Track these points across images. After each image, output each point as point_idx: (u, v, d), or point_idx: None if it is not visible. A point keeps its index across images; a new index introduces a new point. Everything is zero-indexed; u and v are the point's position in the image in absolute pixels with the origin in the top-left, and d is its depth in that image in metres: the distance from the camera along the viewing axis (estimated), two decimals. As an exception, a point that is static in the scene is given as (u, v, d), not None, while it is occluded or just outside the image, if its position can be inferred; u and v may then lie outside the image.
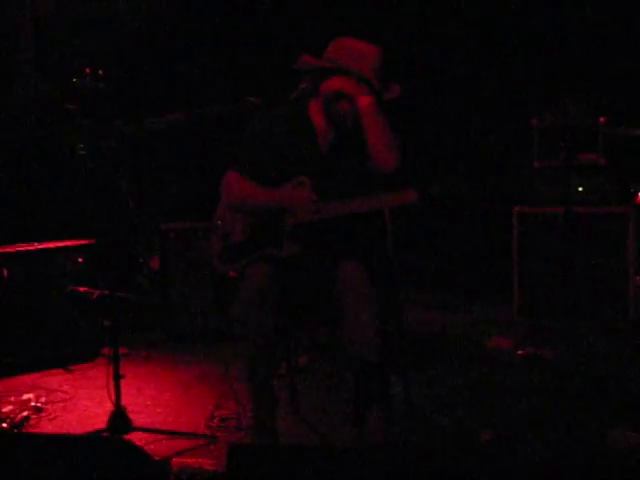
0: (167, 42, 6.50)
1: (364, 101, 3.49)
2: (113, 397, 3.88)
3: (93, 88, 5.20)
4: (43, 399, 4.45)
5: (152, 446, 3.72)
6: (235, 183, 3.63)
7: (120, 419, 3.85)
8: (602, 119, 5.57)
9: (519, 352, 5.07)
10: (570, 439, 3.80)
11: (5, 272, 4.95)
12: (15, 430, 3.95)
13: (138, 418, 4.02)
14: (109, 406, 3.92)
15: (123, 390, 3.93)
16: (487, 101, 6.42)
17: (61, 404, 4.41)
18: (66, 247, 5.24)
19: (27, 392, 4.54)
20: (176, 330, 5.65)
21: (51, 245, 5.21)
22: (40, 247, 5.16)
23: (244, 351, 3.53)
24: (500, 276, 5.97)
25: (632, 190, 4.86)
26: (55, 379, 4.87)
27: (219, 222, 3.69)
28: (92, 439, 3.39)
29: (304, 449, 2.94)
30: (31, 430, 4.01)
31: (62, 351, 5.11)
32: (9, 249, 5.08)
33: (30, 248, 5.13)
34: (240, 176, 3.62)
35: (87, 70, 5.17)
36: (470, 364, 4.90)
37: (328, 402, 4.29)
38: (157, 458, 3.43)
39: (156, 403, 4.42)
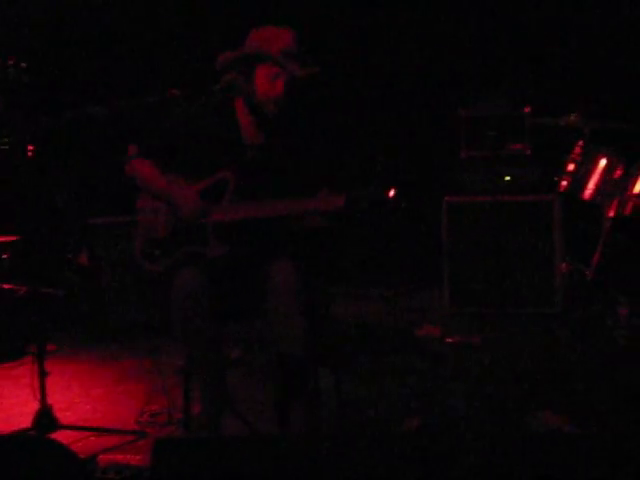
0: (91, 34, 6.42)
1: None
2: (39, 395, 3.82)
3: (16, 81, 5.10)
4: (-33, 399, 4.38)
5: (79, 444, 3.68)
6: (140, 166, 3.59)
7: (46, 417, 3.79)
8: (527, 109, 5.64)
9: (448, 340, 5.14)
10: (493, 423, 3.87)
11: None
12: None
13: (65, 416, 3.97)
14: (35, 405, 3.86)
15: (50, 388, 3.88)
16: (414, 92, 6.45)
17: (-15, 404, 4.35)
18: (-9, 244, 5.16)
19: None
20: (106, 325, 5.59)
21: (-25, 242, 5.12)
22: (-36, 244, 5.07)
23: (175, 345, 3.52)
24: (430, 265, 6.01)
25: (556, 179, 4.93)
26: (-21, 379, 4.80)
27: (140, 217, 3.64)
28: (16, 438, 3.34)
29: (230, 440, 2.93)
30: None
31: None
32: None
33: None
34: (145, 160, 3.59)
35: (10, 62, 5.07)
36: (399, 353, 4.94)
37: (259, 394, 4.28)
38: (83, 456, 3.38)
39: (84, 400, 4.38)
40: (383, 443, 3.59)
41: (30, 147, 4.27)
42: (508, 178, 5.67)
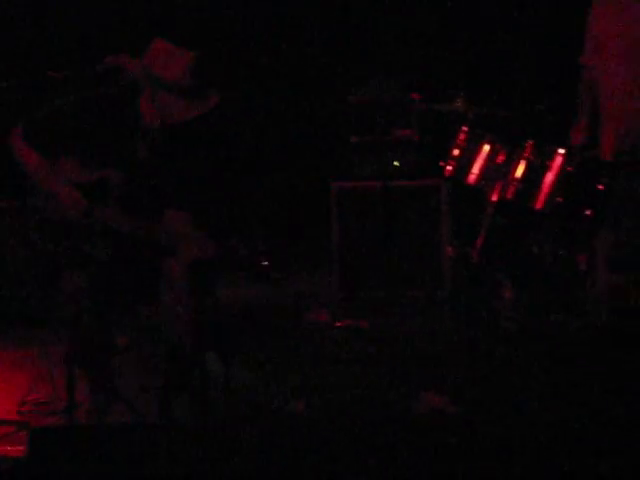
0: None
1: None
2: None
3: None
4: None
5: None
6: (23, 152, 3.49)
7: None
8: (415, 95, 5.70)
9: (337, 324, 5.18)
10: (379, 404, 3.92)
11: None
12: None
13: (-56, 408, 3.86)
14: None
15: None
16: (304, 78, 6.45)
17: None
18: None
19: None
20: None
21: None
22: None
23: (59, 334, 3.46)
24: (321, 250, 6.04)
25: (441, 164, 5.00)
26: None
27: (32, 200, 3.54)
28: None
29: (110, 429, 2.90)
30: None
31: None
32: None
33: None
34: (28, 144, 3.48)
35: None
36: (289, 338, 4.95)
37: (146, 382, 4.23)
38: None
39: (-34, 391, 4.26)
40: (270, 427, 3.61)
41: None
42: (397, 163, 5.74)
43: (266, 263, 3.68)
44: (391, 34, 6.29)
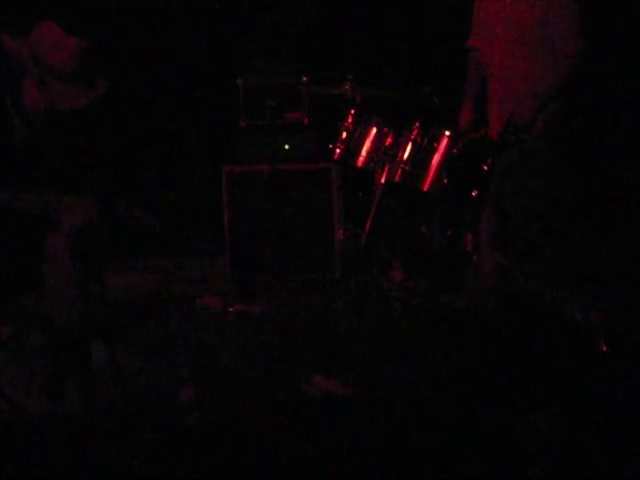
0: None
1: None
2: None
3: None
4: None
5: None
6: None
7: None
8: (304, 78, 5.69)
9: (230, 309, 5.14)
10: (270, 388, 3.92)
11: None
12: None
13: None
14: None
15: None
16: (192, 59, 6.38)
17: None
18: None
19: None
20: None
21: None
22: None
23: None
24: (212, 234, 5.98)
25: (330, 147, 5.01)
26: None
27: None
28: None
29: None
30: None
31: None
32: None
33: None
34: None
35: None
36: (181, 324, 4.90)
37: (30, 373, 4.12)
38: None
39: None
40: (161, 416, 3.57)
41: None
42: (287, 147, 5.72)
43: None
44: (279, 17, 6.25)
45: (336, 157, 4.99)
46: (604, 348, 3.27)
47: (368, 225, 4.80)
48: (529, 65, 4.63)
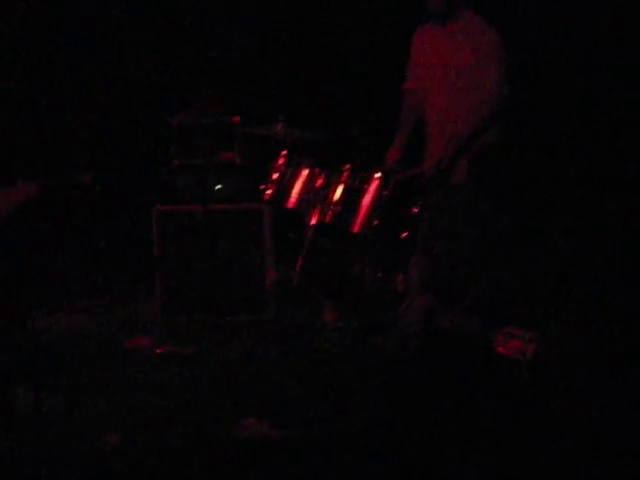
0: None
1: None
2: None
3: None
4: None
5: None
6: None
7: None
8: (237, 119, 5.70)
9: (158, 350, 5.09)
10: (201, 432, 3.88)
11: None
12: None
13: None
14: None
15: None
16: (126, 99, 6.36)
17: None
18: None
19: None
20: None
21: None
22: None
23: None
24: (143, 275, 5.93)
25: (262, 187, 5.02)
26: None
27: None
28: None
29: None
30: None
31: None
32: None
33: None
34: None
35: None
36: (109, 365, 4.83)
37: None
38: None
39: None
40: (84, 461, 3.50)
41: None
42: (220, 186, 5.71)
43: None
44: (213, 57, 6.27)
45: (267, 198, 5.00)
46: (530, 382, 3.33)
47: (299, 266, 4.80)
48: (456, 108, 4.70)
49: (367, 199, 4.64)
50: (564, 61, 5.59)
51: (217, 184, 5.68)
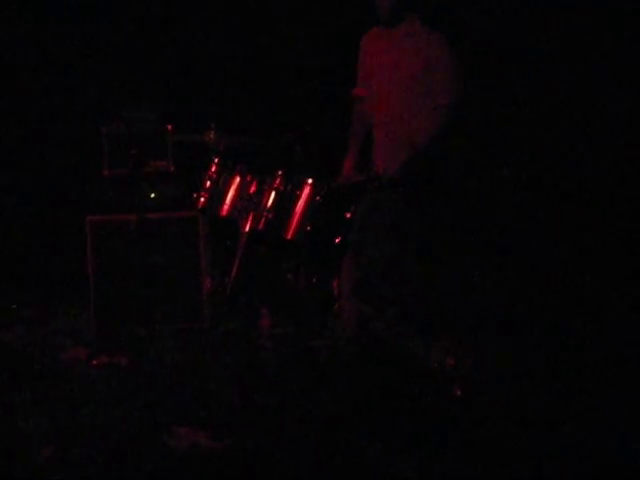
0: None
1: None
2: None
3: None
4: None
5: None
6: None
7: None
8: (169, 127, 5.67)
9: (94, 362, 5.03)
10: (135, 442, 3.85)
11: None
12: None
13: None
14: None
15: None
16: (55, 107, 6.30)
17: None
18: None
19: None
20: None
21: None
22: None
23: None
24: (77, 286, 5.86)
25: (195, 195, 5.00)
26: None
27: None
28: None
29: None
30: None
31: None
32: None
33: None
34: None
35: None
36: (44, 377, 4.77)
37: None
38: None
39: None
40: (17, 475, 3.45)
41: None
42: (152, 195, 5.67)
43: None
44: (144, 64, 6.24)
45: (200, 206, 4.98)
46: (458, 393, 3.36)
47: (234, 273, 4.80)
48: (411, 115, 4.69)
49: (300, 205, 4.64)
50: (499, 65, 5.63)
51: (150, 192, 5.65)
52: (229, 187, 4.88)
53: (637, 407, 3.92)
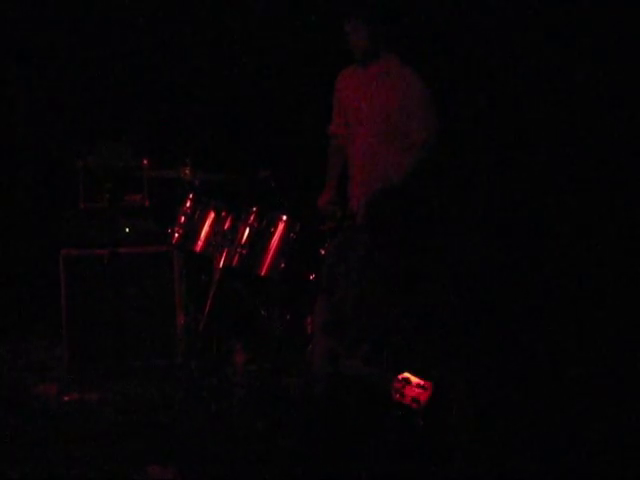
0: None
1: None
2: None
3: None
4: None
5: None
6: None
7: None
8: (145, 161, 5.66)
9: (65, 398, 5.00)
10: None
11: None
12: None
13: None
14: None
15: None
16: (31, 141, 6.29)
17: None
18: None
19: None
20: None
21: None
22: None
23: None
24: (50, 320, 5.82)
25: (169, 231, 4.99)
26: None
27: None
28: None
29: None
30: None
31: None
32: None
33: None
34: None
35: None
36: (14, 413, 4.72)
37: None
38: None
39: None
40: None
41: None
42: (127, 230, 5.65)
43: None
44: (120, 100, 6.25)
45: (174, 241, 4.97)
46: (420, 425, 3.38)
47: (208, 309, 4.78)
48: (385, 151, 4.70)
49: (274, 241, 4.65)
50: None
51: (125, 227, 5.63)
52: (204, 223, 4.87)
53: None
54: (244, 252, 4.68)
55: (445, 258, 4.00)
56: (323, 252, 4.53)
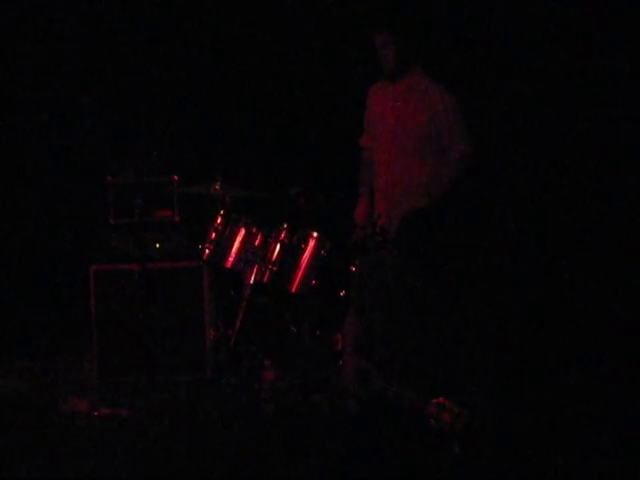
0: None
1: None
2: None
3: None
4: None
5: None
6: None
7: None
8: (175, 177, 5.69)
9: (95, 413, 4.99)
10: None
11: None
12: None
13: None
14: None
15: None
16: (61, 157, 6.34)
17: None
18: None
19: None
20: None
21: None
22: None
23: None
24: (79, 335, 5.84)
25: (200, 246, 5.01)
26: None
27: None
28: None
29: None
30: None
31: None
32: None
33: None
34: None
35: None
36: (45, 428, 4.72)
37: None
38: None
39: None
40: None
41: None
42: (158, 245, 5.67)
43: None
44: (151, 116, 6.28)
45: (205, 257, 4.98)
46: (456, 450, 3.34)
47: (237, 325, 4.78)
48: (413, 168, 4.69)
49: (305, 258, 4.65)
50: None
51: (155, 242, 5.64)
52: (234, 239, 4.89)
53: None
54: (275, 269, 4.68)
55: (475, 279, 3.98)
56: (353, 269, 4.51)
